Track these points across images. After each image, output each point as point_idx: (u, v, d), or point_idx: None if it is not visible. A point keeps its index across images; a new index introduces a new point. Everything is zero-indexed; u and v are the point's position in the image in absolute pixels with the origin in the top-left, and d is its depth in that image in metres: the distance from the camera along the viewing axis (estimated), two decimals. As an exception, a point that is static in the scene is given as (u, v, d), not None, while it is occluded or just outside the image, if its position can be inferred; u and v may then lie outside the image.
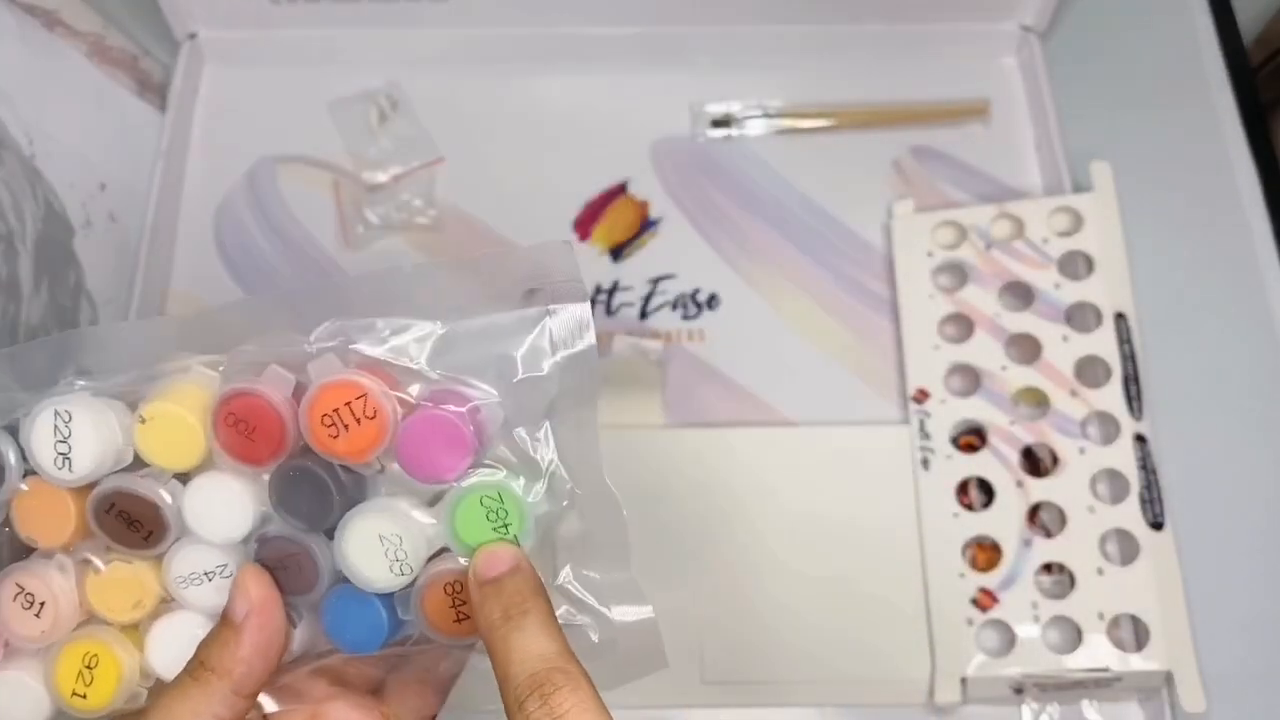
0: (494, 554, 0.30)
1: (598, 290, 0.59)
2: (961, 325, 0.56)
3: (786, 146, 0.62)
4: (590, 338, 0.31)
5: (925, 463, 0.53)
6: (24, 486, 0.31)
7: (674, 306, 0.58)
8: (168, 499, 0.31)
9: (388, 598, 0.31)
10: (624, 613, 0.32)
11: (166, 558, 0.31)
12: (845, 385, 0.56)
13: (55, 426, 0.30)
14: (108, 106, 0.58)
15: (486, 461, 0.31)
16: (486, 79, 0.63)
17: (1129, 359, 0.53)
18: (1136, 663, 0.48)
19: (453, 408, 0.30)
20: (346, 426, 0.29)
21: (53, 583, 0.31)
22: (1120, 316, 0.54)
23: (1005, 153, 0.62)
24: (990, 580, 0.51)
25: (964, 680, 0.49)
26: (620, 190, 0.61)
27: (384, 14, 0.61)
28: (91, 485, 0.31)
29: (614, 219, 0.60)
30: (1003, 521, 0.51)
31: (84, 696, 0.31)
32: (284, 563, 0.31)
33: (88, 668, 0.31)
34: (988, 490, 0.52)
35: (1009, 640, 0.50)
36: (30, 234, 0.50)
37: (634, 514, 0.33)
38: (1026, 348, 0.55)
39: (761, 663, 0.51)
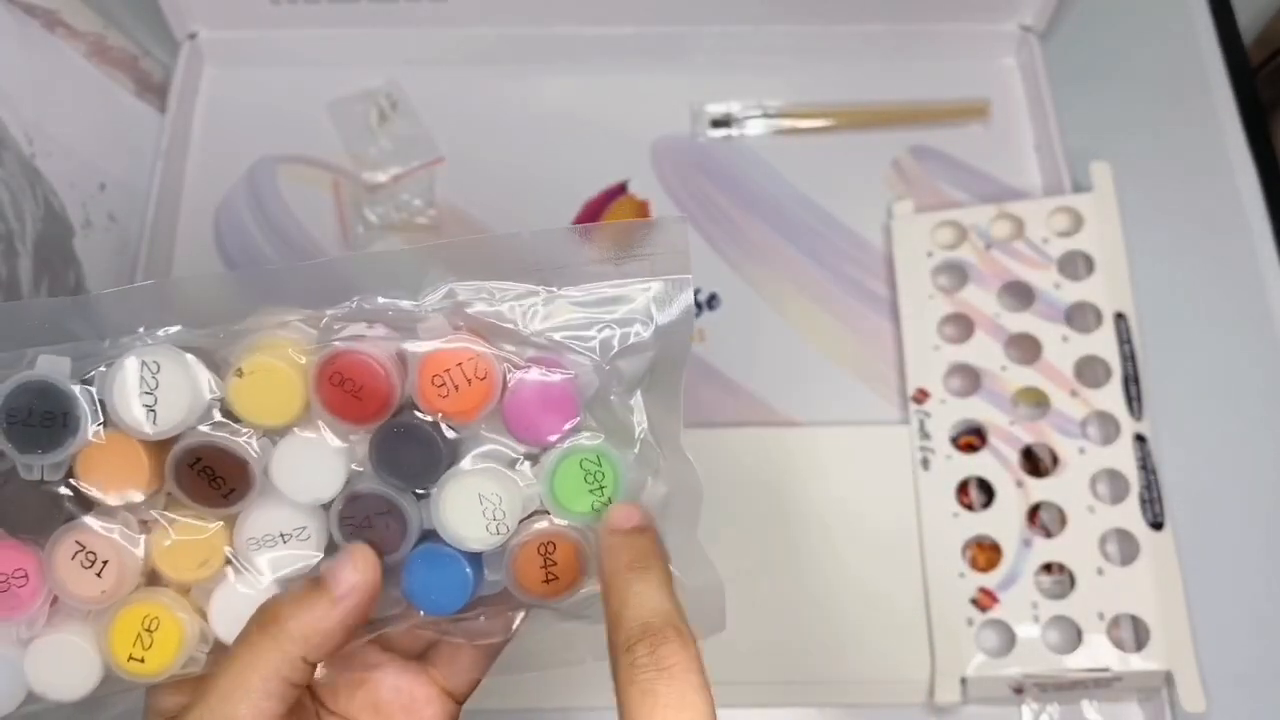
0: (628, 510, 0.30)
1: (598, 290, 0.58)
2: (961, 325, 0.56)
3: (786, 146, 0.62)
4: (689, 310, 0.31)
5: (925, 463, 0.53)
6: (93, 439, 0.29)
7: (674, 306, 0.58)
8: (257, 456, 0.30)
9: (473, 558, 0.31)
10: (696, 576, 0.33)
11: (242, 517, 0.31)
12: (845, 385, 0.56)
13: (142, 377, 0.29)
14: (108, 106, 0.58)
15: (584, 426, 0.31)
16: (486, 79, 0.63)
17: (1129, 359, 0.53)
18: (1136, 663, 0.48)
19: (559, 372, 0.30)
20: (457, 387, 0.29)
21: (117, 540, 0.30)
22: (1120, 316, 0.54)
23: (1005, 153, 0.62)
24: (990, 580, 0.51)
25: (964, 680, 0.49)
26: (620, 190, 0.61)
27: (384, 14, 0.61)
28: (168, 441, 0.30)
29: (614, 219, 0.60)
30: (1003, 521, 0.51)
31: (142, 661, 0.30)
32: (371, 521, 0.30)
33: (147, 630, 0.30)
34: (988, 490, 0.52)
35: (1009, 640, 0.50)
36: (30, 234, 0.50)
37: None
38: (1026, 348, 0.55)
39: (762, 663, 0.51)
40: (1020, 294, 0.56)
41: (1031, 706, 0.50)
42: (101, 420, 0.29)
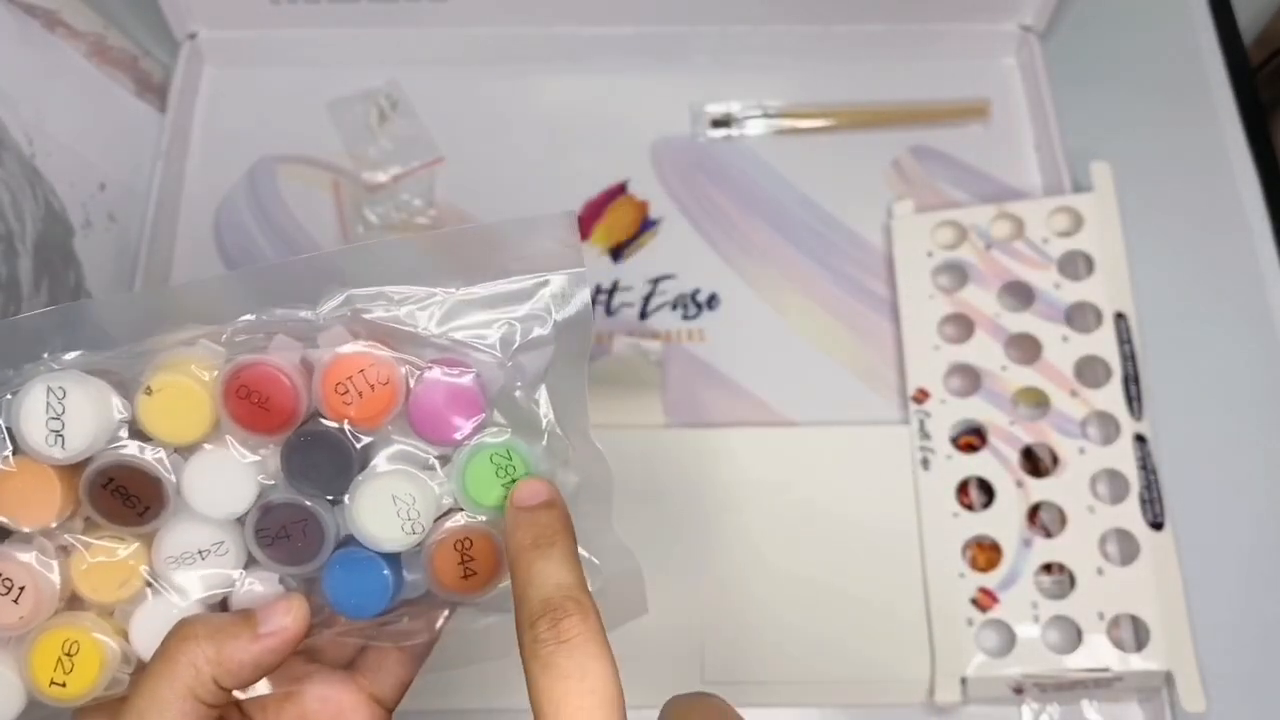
0: (534, 486, 0.31)
1: (598, 290, 0.59)
2: (961, 325, 0.56)
3: (786, 146, 0.62)
4: (586, 303, 0.32)
5: (925, 463, 0.53)
6: (3, 468, 0.30)
7: (674, 306, 0.58)
8: (169, 473, 0.30)
9: (391, 559, 0.32)
10: (614, 564, 0.33)
11: (159, 535, 0.31)
12: (845, 385, 0.56)
13: (48, 403, 0.29)
14: (108, 106, 0.58)
15: (491, 422, 0.32)
16: (486, 79, 0.63)
17: (1129, 359, 0.53)
18: (1136, 663, 0.48)
19: (460, 371, 0.31)
20: (360, 393, 0.30)
21: (33, 566, 0.30)
22: (1120, 316, 0.54)
23: (1005, 153, 0.62)
24: (990, 580, 0.51)
25: (964, 680, 0.49)
26: (620, 190, 0.61)
27: (384, 14, 0.61)
28: (80, 464, 0.30)
29: (614, 219, 0.60)
30: (1003, 521, 0.51)
31: (63, 685, 0.30)
32: (287, 531, 0.31)
33: (68, 655, 0.30)
34: (988, 490, 0.52)
35: (1009, 640, 0.50)
36: (30, 234, 0.50)
37: (634, 513, 0.34)
38: (1026, 348, 0.55)
39: (762, 663, 0.51)
40: (1020, 294, 0.56)
41: (1031, 706, 0.50)
42: (10, 448, 0.30)
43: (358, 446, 0.31)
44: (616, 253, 0.60)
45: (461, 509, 0.32)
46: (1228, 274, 0.58)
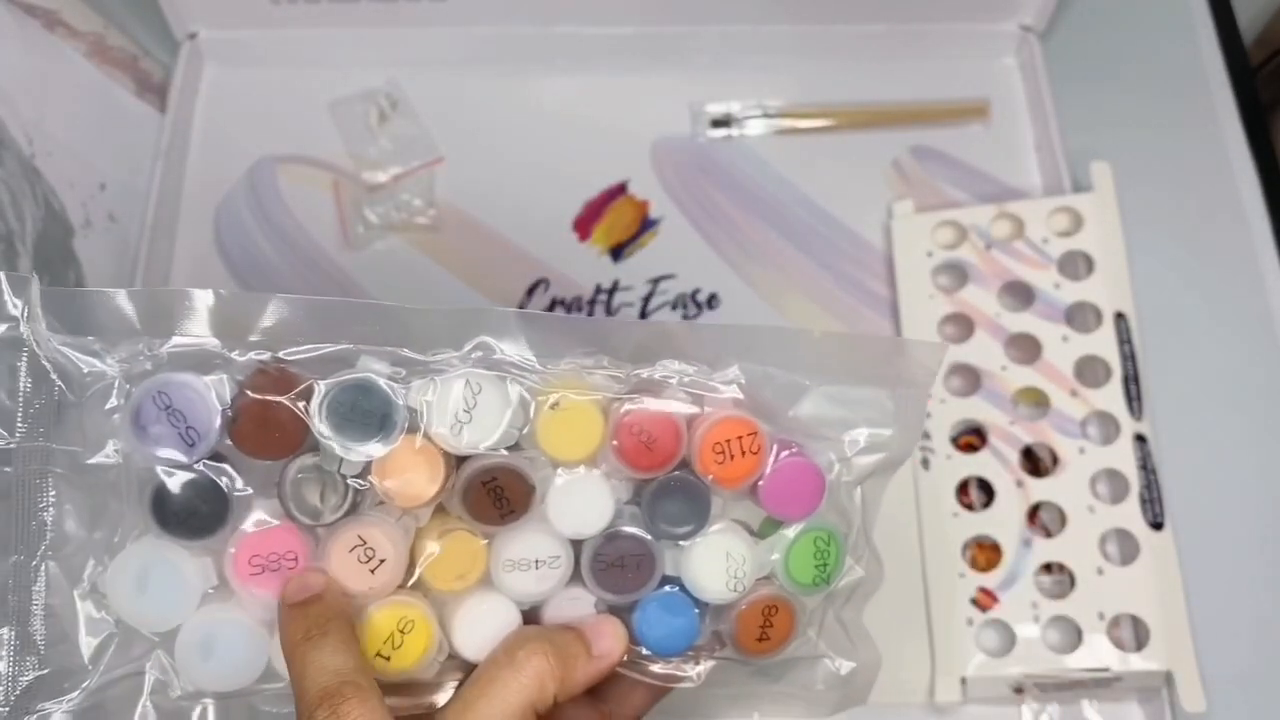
0: (304, 581, 0.31)
1: (598, 290, 0.59)
2: (961, 325, 0.56)
3: (786, 146, 0.62)
4: (921, 426, 0.36)
5: (925, 463, 0.53)
6: (399, 444, 0.31)
7: (674, 306, 0.58)
8: (542, 485, 0.32)
9: (703, 608, 0.34)
10: (860, 653, 0.37)
11: (503, 537, 0.32)
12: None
13: (464, 396, 0.31)
14: (108, 106, 0.58)
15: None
16: (486, 79, 0.63)
17: (1129, 359, 0.53)
18: (1136, 663, 0.48)
19: (814, 459, 0.34)
20: (732, 456, 0.33)
21: (397, 540, 0.31)
22: (1120, 316, 0.54)
23: (1005, 153, 0.62)
24: (990, 580, 0.51)
25: (964, 680, 0.49)
26: (620, 190, 0.61)
27: (384, 14, 0.61)
28: (463, 457, 0.31)
29: (614, 219, 0.60)
30: (1003, 521, 0.51)
31: (388, 659, 0.31)
32: (623, 560, 0.33)
33: (401, 631, 0.31)
34: (988, 490, 0.52)
35: (1009, 640, 0.50)
36: (30, 234, 0.50)
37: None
38: (1026, 348, 0.55)
39: (762, 663, 0.51)
40: (1020, 294, 0.56)
41: (1031, 706, 0.50)
42: (408, 427, 0.31)
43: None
44: (616, 253, 0.60)
45: (774, 578, 0.34)
46: (1228, 274, 0.58)
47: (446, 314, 0.32)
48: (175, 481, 0.30)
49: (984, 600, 0.50)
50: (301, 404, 0.30)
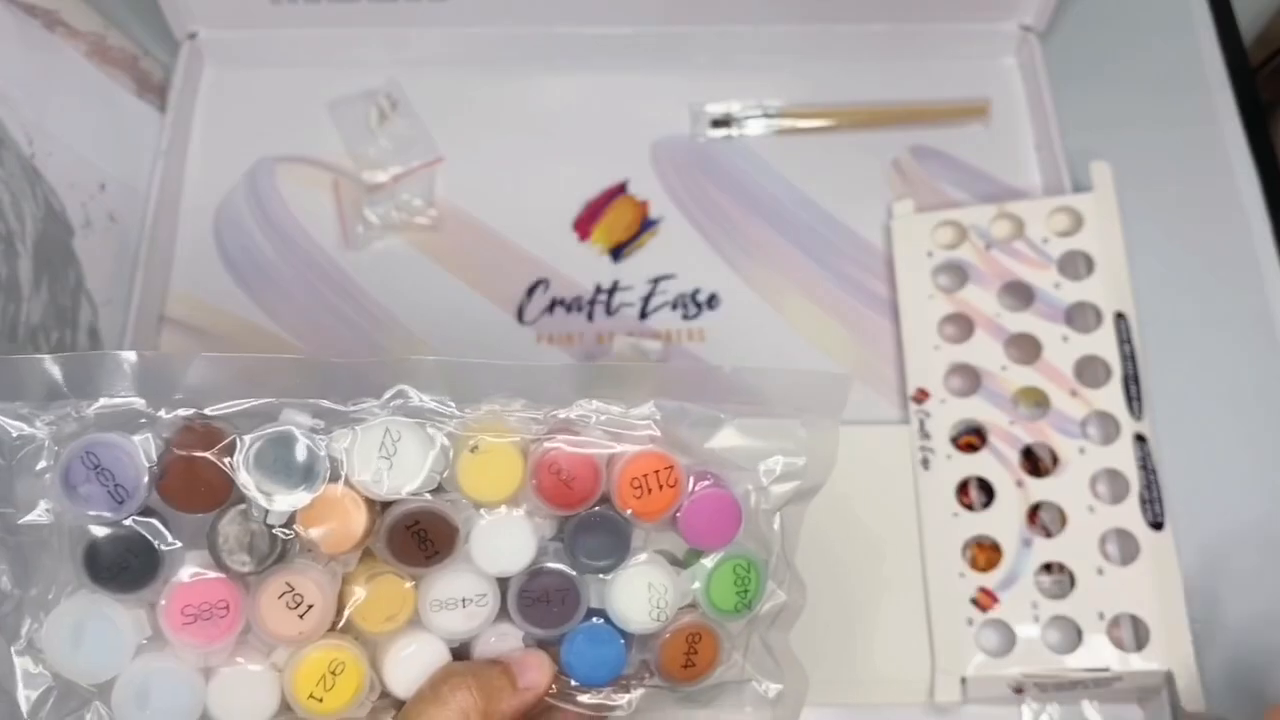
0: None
1: (597, 290, 0.59)
2: (961, 325, 0.56)
3: (786, 146, 0.62)
4: (833, 453, 0.36)
5: (925, 463, 0.53)
6: (318, 493, 0.32)
7: (674, 306, 0.58)
8: (465, 526, 0.33)
9: (628, 638, 0.35)
10: (789, 678, 0.38)
11: (430, 578, 0.33)
12: (845, 385, 0.56)
13: (383, 443, 0.32)
14: (108, 106, 0.58)
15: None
16: (486, 79, 0.63)
17: (1129, 359, 0.53)
18: (1136, 663, 0.48)
19: (730, 488, 0.35)
20: (650, 490, 0.34)
21: (324, 586, 0.32)
22: (1120, 316, 0.54)
23: (1005, 153, 0.62)
24: (990, 580, 0.51)
25: (964, 680, 0.49)
26: (620, 190, 0.61)
27: (384, 14, 0.61)
28: (386, 502, 0.33)
29: (614, 219, 0.60)
30: (1003, 521, 0.51)
31: (320, 700, 0.32)
32: (548, 595, 0.34)
33: (332, 673, 0.32)
34: (988, 490, 0.52)
35: (1009, 640, 0.50)
36: (30, 234, 0.50)
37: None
38: (1026, 348, 0.55)
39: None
40: (1020, 294, 0.56)
41: (1031, 706, 0.50)
42: (331, 476, 0.32)
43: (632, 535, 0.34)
44: (616, 253, 0.60)
45: (696, 606, 0.35)
46: (1228, 274, 0.58)
47: (364, 365, 0.33)
48: (106, 538, 0.31)
49: (984, 600, 0.50)
50: (226, 459, 0.31)
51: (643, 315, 0.58)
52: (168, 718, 0.32)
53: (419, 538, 0.32)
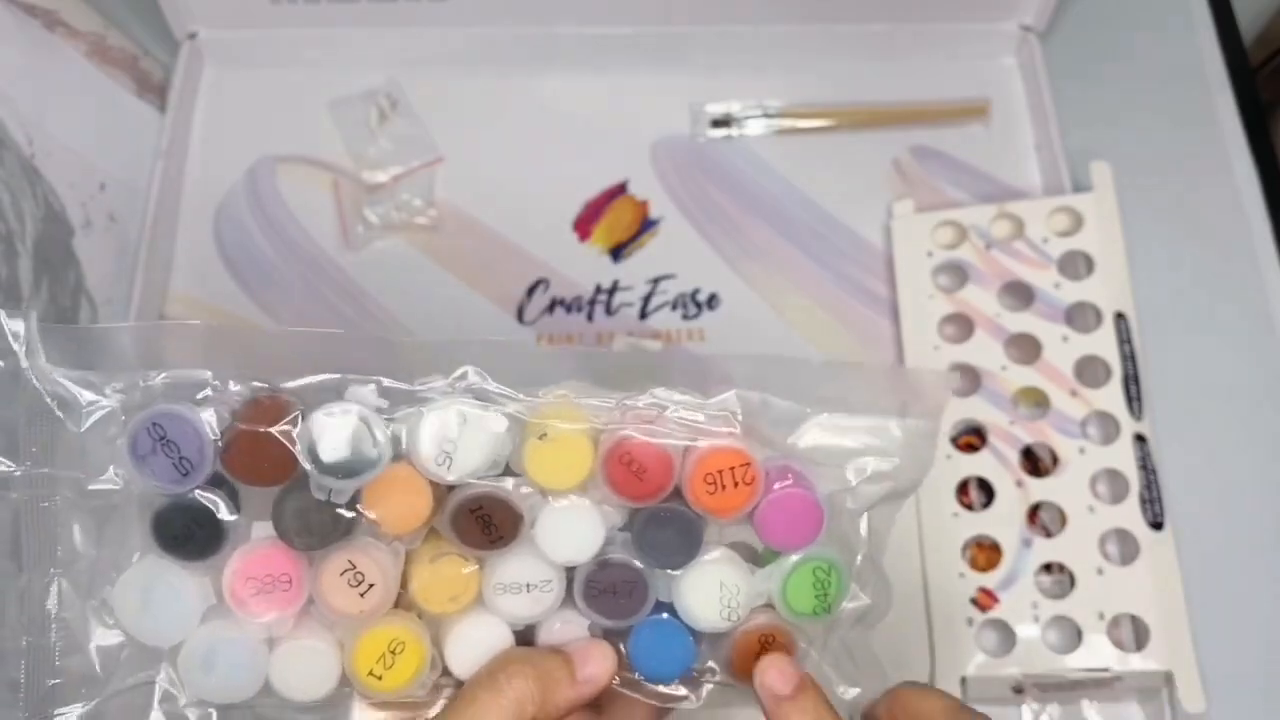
0: (784, 668, 0.32)
1: (598, 290, 0.59)
2: (961, 325, 0.56)
3: (786, 146, 0.62)
4: (930, 457, 0.35)
5: (925, 463, 0.53)
6: (385, 472, 0.32)
7: (674, 306, 0.58)
8: (530, 511, 0.33)
9: (696, 636, 0.34)
10: (872, 684, 0.36)
11: (495, 562, 0.33)
12: (845, 385, 0.56)
13: (449, 424, 0.31)
14: (108, 106, 0.58)
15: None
16: (486, 79, 0.63)
17: (1129, 359, 0.53)
18: (1136, 663, 0.48)
19: (813, 489, 0.34)
20: (724, 487, 0.32)
21: (386, 565, 0.32)
22: (1120, 316, 0.54)
23: (1005, 153, 0.62)
24: (990, 580, 0.51)
25: (964, 680, 0.49)
26: (620, 190, 0.61)
27: (384, 14, 0.61)
28: (450, 486, 0.32)
29: (614, 219, 0.60)
30: (1003, 521, 0.51)
31: (380, 678, 0.32)
32: (615, 587, 0.33)
33: (392, 652, 0.32)
34: (988, 490, 0.52)
35: (1009, 640, 0.50)
36: (30, 234, 0.50)
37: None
38: (1026, 348, 0.55)
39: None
40: (1020, 294, 0.56)
41: (1031, 706, 0.50)
42: (395, 455, 0.31)
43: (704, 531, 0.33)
44: (616, 253, 0.60)
45: (771, 606, 0.34)
46: (1228, 274, 0.58)
47: (434, 344, 0.33)
48: (172, 507, 0.31)
49: (984, 600, 0.50)
50: (290, 434, 0.31)
51: (643, 315, 0.58)
52: (231, 684, 0.32)
53: (483, 522, 0.32)
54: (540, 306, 0.58)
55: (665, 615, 0.34)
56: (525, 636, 0.34)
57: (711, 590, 0.33)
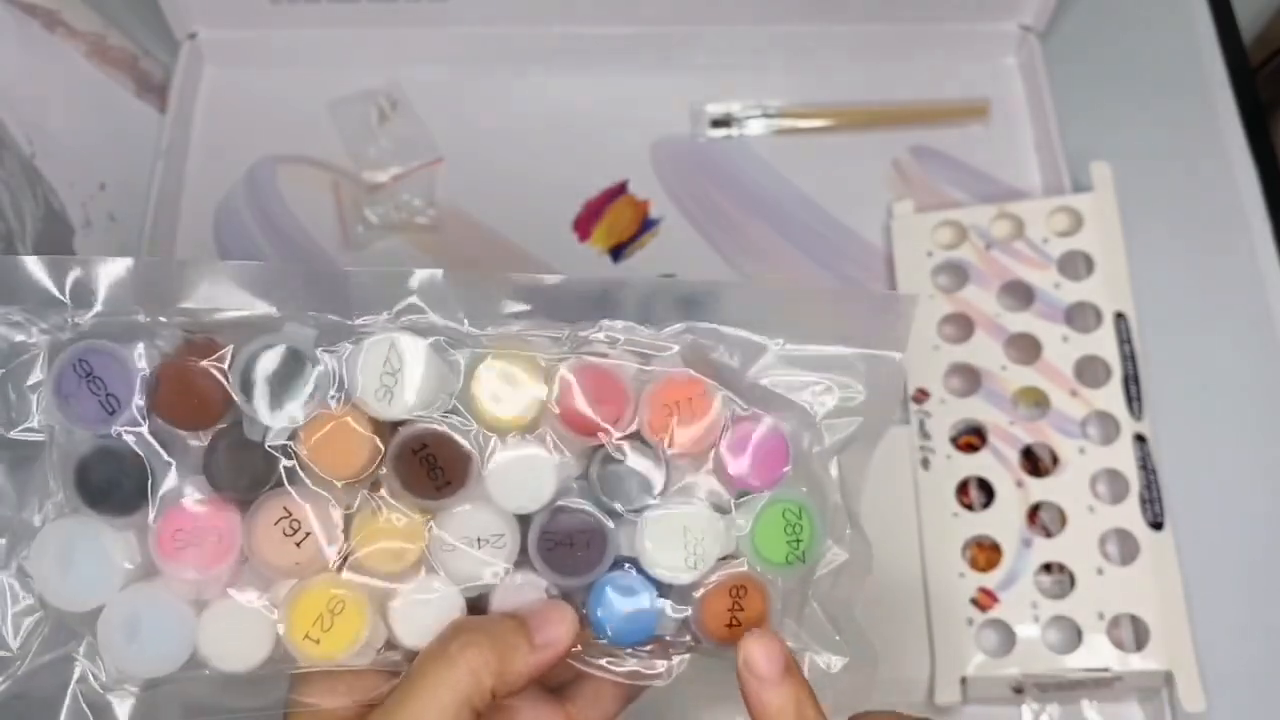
0: (769, 646, 0.30)
1: (598, 290, 0.58)
2: (961, 325, 0.56)
3: (786, 146, 0.62)
4: (899, 389, 0.33)
5: (925, 463, 0.53)
6: (322, 411, 0.30)
7: (674, 306, 0.58)
8: (480, 456, 0.30)
9: (662, 592, 0.31)
10: (855, 650, 0.34)
11: (443, 516, 0.31)
12: (845, 385, 0.56)
13: (387, 358, 0.29)
14: (108, 106, 0.58)
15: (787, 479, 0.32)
16: (486, 79, 0.63)
17: (1129, 359, 0.53)
18: (1136, 663, 0.48)
19: (778, 421, 0.31)
20: (682, 419, 0.30)
21: (324, 515, 0.30)
22: (1120, 316, 0.54)
23: (1005, 153, 0.62)
24: (990, 580, 0.51)
25: (964, 680, 0.49)
26: (620, 190, 0.61)
27: (384, 14, 0.61)
28: (390, 427, 0.30)
29: (614, 219, 0.60)
30: (1003, 521, 0.51)
31: (317, 641, 0.30)
32: (572, 538, 0.31)
33: (331, 612, 0.30)
34: (988, 490, 0.52)
35: (1009, 640, 0.50)
36: (30, 234, 0.50)
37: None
38: (1026, 348, 0.55)
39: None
40: (1020, 294, 0.56)
41: (1031, 706, 0.50)
42: (334, 394, 0.30)
43: (665, 471, 0.31)
44: (616, 253, 0.60)
45: (741, 556, 0.32)
46: (1228, 274, 0.58)
47: (372, 275, 0.31)
48: (96, 453, 0.30)
49: (984, 600, 0.50)
50: (223, 371, 0.29)
51: (643, 315, 0.58)
52: (156, 651, 0.30)
53: (428, 464, 0.30)
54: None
55: (627, 568, 0.31)
56: (476, 605, 0.31)
57: (674, 537, 0.31)
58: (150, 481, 0.30)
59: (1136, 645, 0.49)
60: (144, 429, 0.30)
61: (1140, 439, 0.52)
